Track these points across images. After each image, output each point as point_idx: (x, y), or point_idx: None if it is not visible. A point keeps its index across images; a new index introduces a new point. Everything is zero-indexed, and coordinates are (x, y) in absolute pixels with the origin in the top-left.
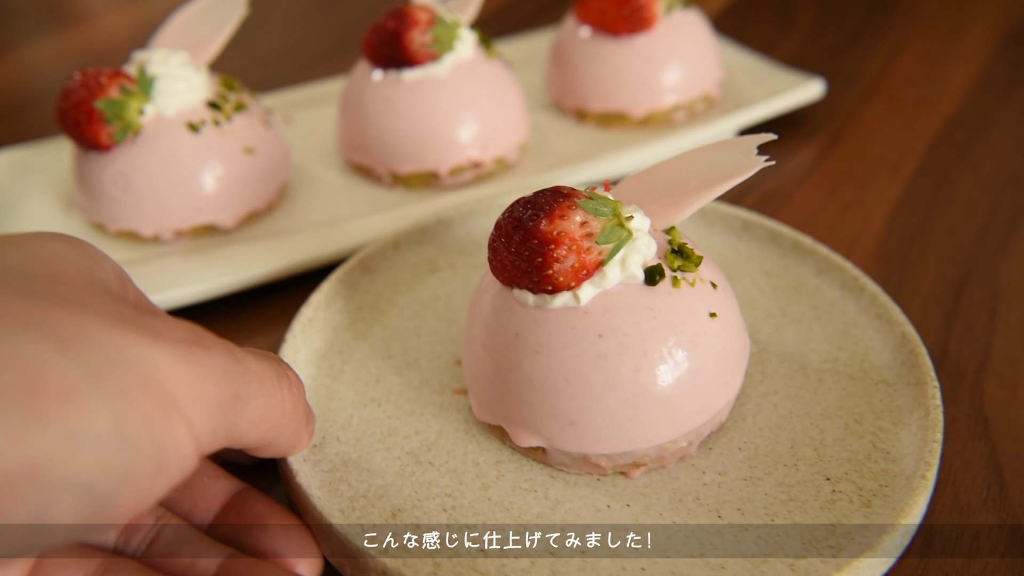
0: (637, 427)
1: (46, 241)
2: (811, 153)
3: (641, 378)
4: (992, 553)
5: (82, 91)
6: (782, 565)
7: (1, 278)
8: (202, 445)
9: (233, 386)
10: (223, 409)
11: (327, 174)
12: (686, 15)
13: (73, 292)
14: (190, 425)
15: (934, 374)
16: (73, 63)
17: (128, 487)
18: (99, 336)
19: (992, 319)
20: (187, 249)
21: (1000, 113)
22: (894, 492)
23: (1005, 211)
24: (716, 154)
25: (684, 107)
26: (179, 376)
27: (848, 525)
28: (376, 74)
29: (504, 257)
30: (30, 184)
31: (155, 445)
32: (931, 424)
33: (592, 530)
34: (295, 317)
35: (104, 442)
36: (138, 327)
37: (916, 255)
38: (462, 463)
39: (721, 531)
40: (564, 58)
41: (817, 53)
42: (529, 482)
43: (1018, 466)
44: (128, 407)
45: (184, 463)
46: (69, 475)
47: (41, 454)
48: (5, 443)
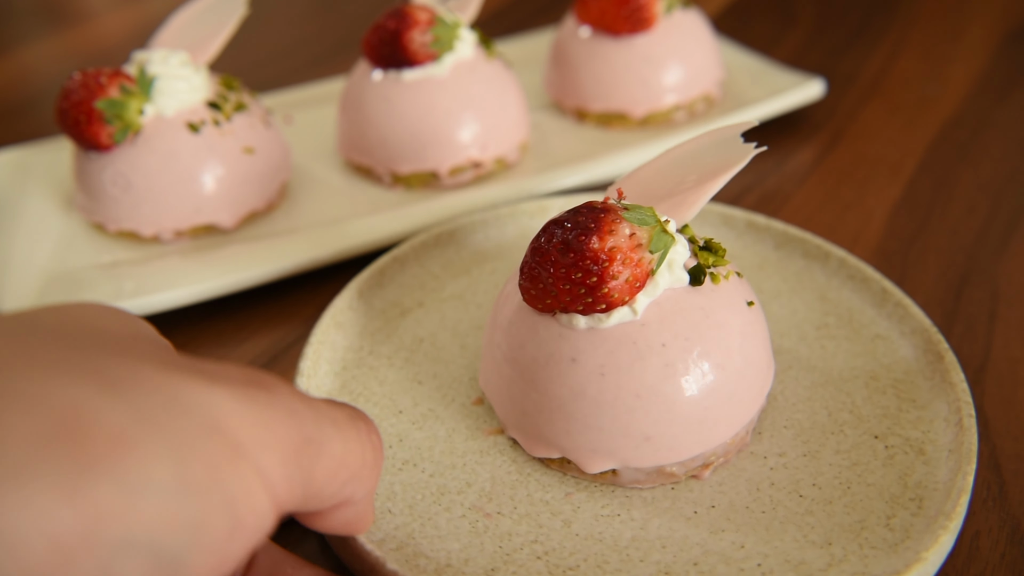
0: (709, 428)
1: (80, 306)
2: (811, 153)
3: (709, 379)
4: (992, 553)
5: (82, 91)
6: (879, 527)
7: (37, 333)
8: (278, 497)
9: (304, 428)
10: (297, 454)
11: (327, 174)
12: (686, 15)
13: (117, 342)
14: (261, 473)
15: (930, 322)
16: (73, 63)
17: (200, 545)
18: (150, 380)
19: (992, 319)
20: (187, 249)
21: (1000, 113)
22: (939, 437)
23: (1005, 211)
24: (704, 148)
25: (684, 107)
26: (243, 419)
27: (916, 477)
28: (376, 74)
29: (549, 283)
30: (30, 184)
31: (225, 496)
32: (948, 366)
33: (692, 540)
34: (297, 369)
35: (166, 493)
36: (192, 371)
37: (916, 255)
38: (531, 505)
39: (810, 509)
40: (564, 58)
41: (817, 53)
42: (607, 507)
43: (1018, 466)
44: (188, 453)
45: (261, 518)
46: (131, 534)
47: (96, 511)
48: (53, 501)
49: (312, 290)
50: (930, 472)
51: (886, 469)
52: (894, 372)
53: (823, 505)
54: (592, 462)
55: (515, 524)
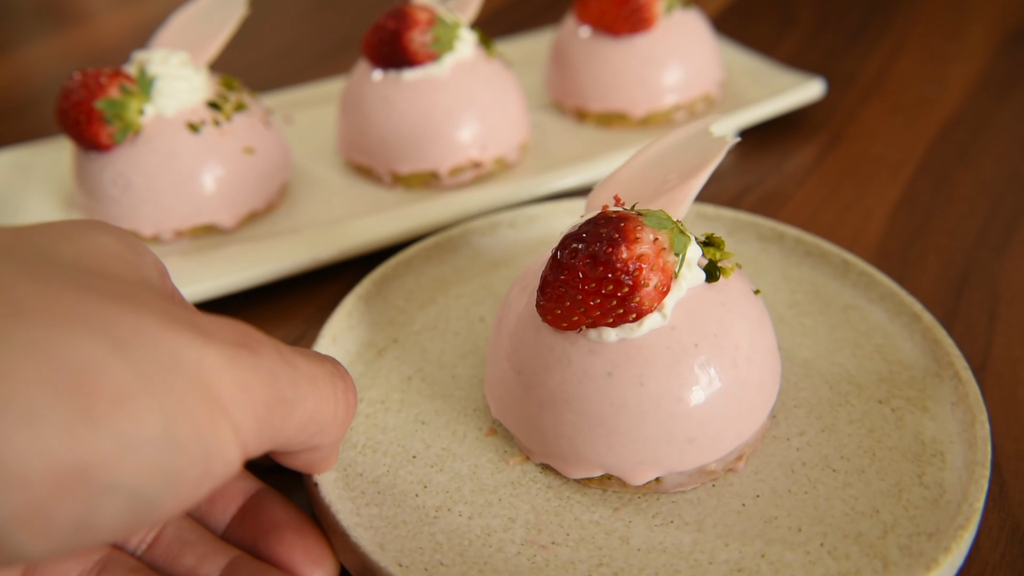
0: (744, 420)
1: (94, 234)
2: (811, 153)
3: (741, 371)
4: (992, 553)
5: (82, 91)
6: (916, 487)
7: (58, 272)
8: (247, 449)
9: (281, 389)
10: (270, 413)
11: (327, 174)
12: (686, 15)
13: (125, 289)
14: (237, 429)
15: (897, 287)
16: (73, 63)
17: (173, 491)
18: (152, 336)
19: (992, 319)
20: (187, 249)
21: (1000, 113)
22: (937, 392)
23: (1005, 211)
24: (677, 145)
25: (684, 107)
26: (227, 379)
27: (930, 433)
28: (376, 74)
29: (578, 300)
30: (30, 184)
31: (202, 450)
32: (928, 325)
33: (751, 533)
34: None
35: (153, 446)
36: (189, 326)
37: (916, 255)
38: (583, 528)
39: (847, 482)
40: (564, 58)
41: (817, 53)
42: (658, 516)
43: (1018, 466)
44: (178, 411)
45: (229, 467)
46: (118, 479)
47: (92, 456)
48: (57, 443)
49: (312, 290)
50: (940, 427)
51: (900, 431)
52: (874, 338)
53: (857, 475)
54: (638, 474)
55: (574, 551)
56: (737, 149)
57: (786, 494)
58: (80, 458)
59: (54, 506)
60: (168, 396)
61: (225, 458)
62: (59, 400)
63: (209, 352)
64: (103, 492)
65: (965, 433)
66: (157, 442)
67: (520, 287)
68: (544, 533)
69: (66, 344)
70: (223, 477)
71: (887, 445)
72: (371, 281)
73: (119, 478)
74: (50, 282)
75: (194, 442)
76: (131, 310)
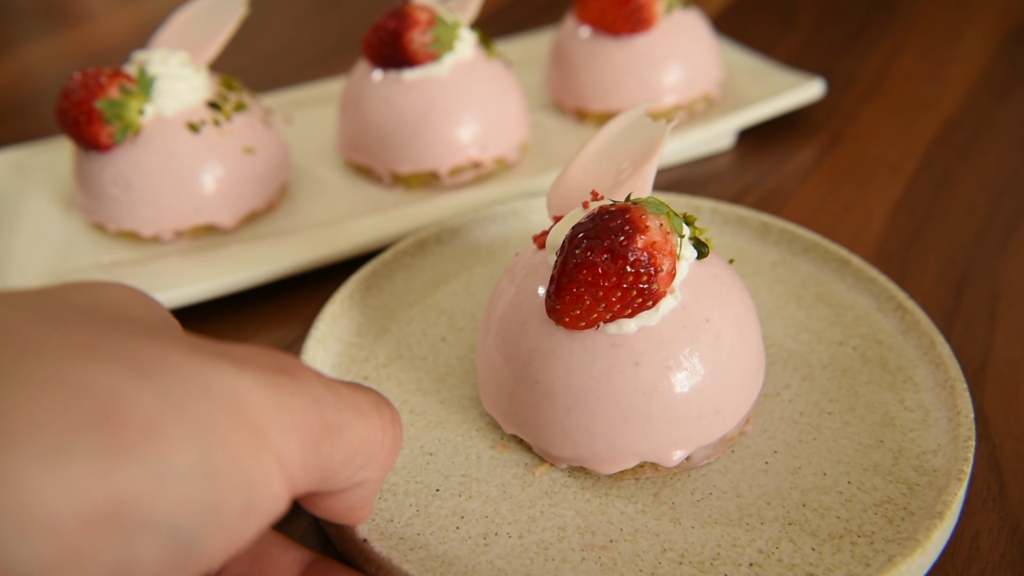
0: (753, 382)
1: (108, 286)
2: (811, 153)
3: (745, 337)
4: (992, 553)
5: (82, 91)
6: (900, 412)
7: (72, 314)
8: (294, 481)
9: (325, 415)
10: (316, 440)
11: (327, 174)
12: (686, 15)
13: (146, 325)
14: (280, 459)
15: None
16: (73, 63)
17: (215, 527)
18: (180, 365)
19: (992, 319)
20: (187, 249)
21: (1000, 113)
22: (888, 324)
23: (1005, 211)
24: (619, 136)
25: (684, 107)
26: (266, 405)
27: (894, 361)
28: (376, 74)
29: (599, 296)
30: (30, 184)
31: (244, 480)
32: (858, 266)
33: (784, 488)
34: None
35: (190, 478)
36: (220, 355)
37: (916, 255)
38: (635, 520)
39: (845, 421)
40: (564, 58)
41: (817, 53)
42: (696, 491)
43: (1018, 466)
44: (214, 440)
45: (275, 501)
46: (154, 515)
47: (125, 492)
48: (87, 480)
49: (312, 290)
50: (900, 355)
51: (867, 365)
52: (810, 287)
53: (850, 413)
54: (673, 455)
55: (634, 544)
56: (737, 149)
57: (798, 444)
58: (112, 494)
59: (89, 550)
60: (202, 424)
61: (270, 490)
62: (84, 433)
63: (244, 379)
64: (140, 531)
65: (925, 356)
66: (193, 473)
67: (510, 297)
68: (599, 534)
69: (87, 375)
70: (269, 513)
71: (862, 381)
72: (331, 316)
73: (155, 514)
74: (67, 322)
75: (233, 472)
76: (154, 342)
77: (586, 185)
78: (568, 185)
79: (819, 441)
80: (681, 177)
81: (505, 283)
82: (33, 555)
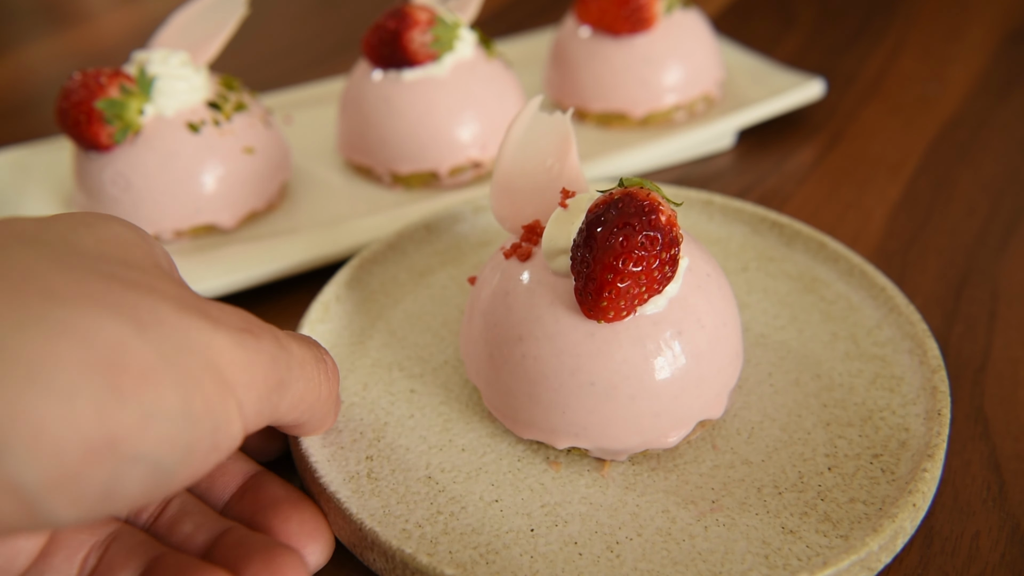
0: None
1: (111, 224)
2: (811, 153)
3: (728, 286)
4: (992, 553)
5: (82, 91)
6: (883, 378)
7: (83, 260)
8: (248, 425)
9: (279, 372)
10: (269, 393)
11: (327, 174)
12: (686, 15)
13: (143, 276)
14: (241, 407)
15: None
16: (73, 63)
17: (188, 463)
18: (169, 320)
19: (992, 319)
20: (187, 249)
21: (1000, 113)
22: (848, 286)
23: (1005, 211)
24: (527, 138)
25: (684, 107)
26: (234, 362)
27: (867, 324)
28: (376, 74)
29: (643, 281)
30: (30, 184)
31: (213, 424)
32: (809, 236)
33: (799, 440)
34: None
35: (173, 420)
36: (200, 313)
37: (916, 255)
38: (716, 475)
39: (840, 402)
40: (564, 58)
41: (817, 53)
42: (742, 432)
43: (1018, 466)
44: (193, 389)
45: (232, 442)
46: (142, 450)
47: (120, 428)
48: (90, 416)
49: (312, 290)
50: (865, 316)
51: (830, 324)
52: (750, 259)
53: (845, 394)
54: (723, 406)
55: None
56: (737, 149)
57: (792, 410)
58: (109, 430)
59: (85, 474)
60: (185, 375)
61: (230, 433)
62: (90, 377)
63: (218, 336)
64: (129, 462)
65: (889, 316)
66: (176, 416)
67: (528, 324)
68: (702, 502)
69: (96, 326)
70: (227, 451)
71: (842, 336)
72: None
73: (143, 449)
74: (77, 269)
75: (206, 417)
76: (150, 296)
77: (525, 191)
78: (508, 196)
79: (816, 401)
80: (681, 177)
81: (507, 307)
82: (38, 474)
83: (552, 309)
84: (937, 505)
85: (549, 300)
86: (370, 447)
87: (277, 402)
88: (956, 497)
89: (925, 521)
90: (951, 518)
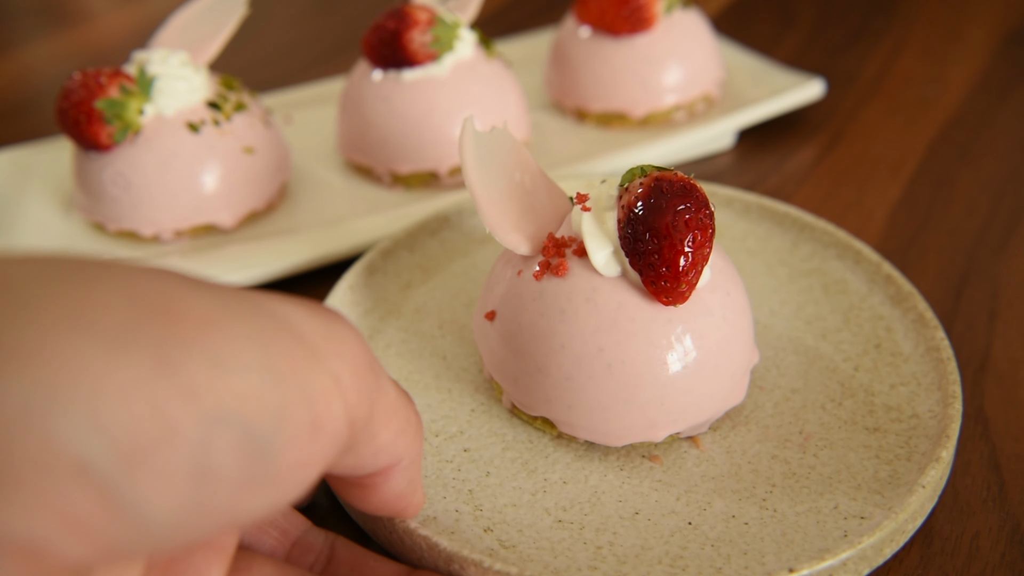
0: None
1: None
2: (811, 153)
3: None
4: (992, 553)
5: (82, 91)
6: (886, 354)
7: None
8: (350, 407)
9: (369, 355)
10: (366, 371)
11: (327, 174)
12: (686, 15)
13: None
14: (336, 379)
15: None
16: (73, 63)
17: (286, 434)
18: (228, 287)
19: (992, 319)
20: (187, 249)
21: (1000, 113)
22: (842, 266)
23: (1005, 211)
24: (480, 155)
25: (684, 107)
26: (317, 328)
27: (867, 304)
28: (376, 74)
29: (706, 253)
30: (30, 184)
31: (305, 390)
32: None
33: (816, 419)
34: None
35: (253, 373)
36: (261, 293)
37: (916, 255)
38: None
39: (849, 378)
40: (564, 58)
41: (817, 53)
42: (733, 446)
43: (1018, 466)
44: (271, 343)
45: (337, 423)
46: (224, 408)
47: (191, 383)
48: (151, 372)
49: (312, 290)
50: (859, 299)
51: (828, 298)
52: (802, 265)
53: (859, 358)
54: (747, 377)
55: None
56: (737, 149)
57: (811, 386)
58: (180, 387)
59: (163, 442)
60: (256, 327)
61: (331, 409)
62: (146, 329)
63: (291, 305)
64: (215, 424)
65: (883, 294)
66: (255, 370)
67: (565, 321)
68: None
69: (141, 282)
70: (334, 436)
71: (842, 311)
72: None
73: (226, 407)
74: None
75: (295, 379)
76: (190, 278)
77: (514, 211)
78: (504, 221)
79: (836, 372)
80: None
81: (569, 324)
82: (107, 446)
83: (623, 310)
84: (937, 505)
85: (616, 302)
86: (477, 511)
87: (375, 389)
88: (956, 497)
89: (925, 521)
90: (951, 518)
